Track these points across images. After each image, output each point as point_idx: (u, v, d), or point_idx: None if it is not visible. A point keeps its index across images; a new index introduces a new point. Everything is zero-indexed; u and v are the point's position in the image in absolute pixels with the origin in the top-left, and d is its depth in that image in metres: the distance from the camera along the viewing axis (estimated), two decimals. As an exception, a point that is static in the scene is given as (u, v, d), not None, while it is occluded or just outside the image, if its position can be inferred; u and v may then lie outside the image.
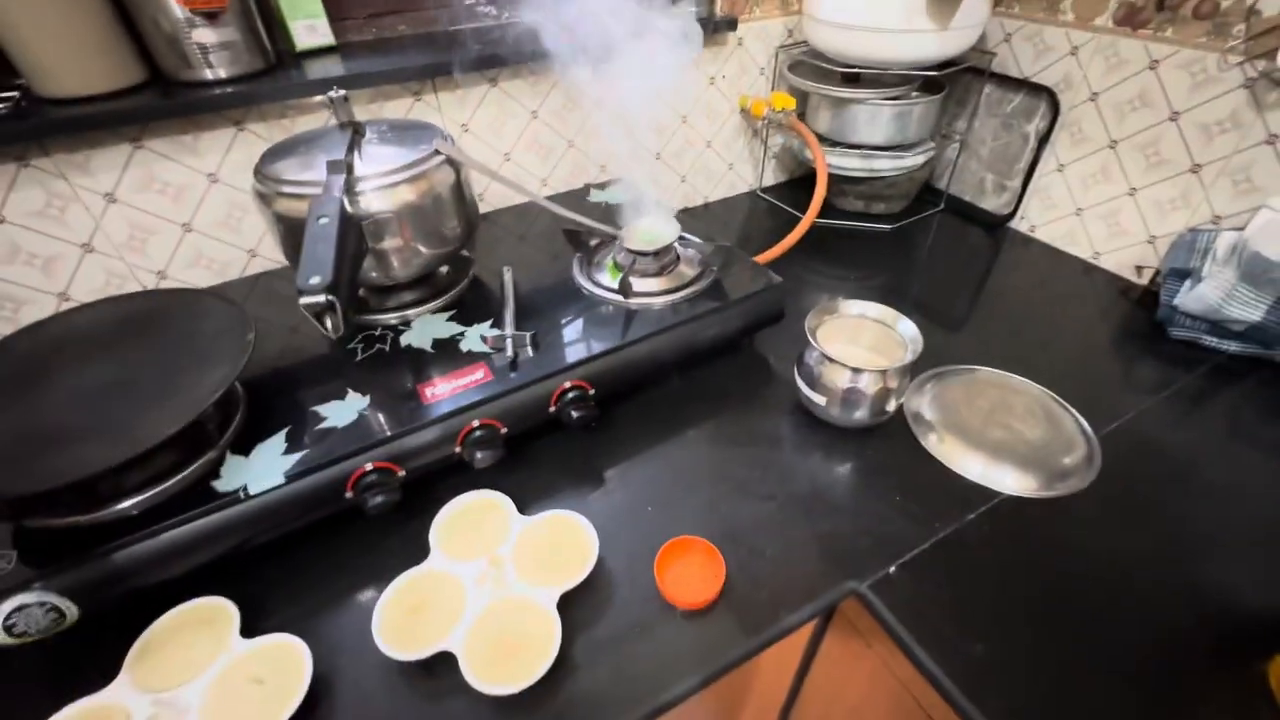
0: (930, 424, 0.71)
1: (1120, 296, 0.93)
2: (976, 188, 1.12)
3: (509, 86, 0.89)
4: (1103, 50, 0.88)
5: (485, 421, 0.62)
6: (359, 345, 0.69)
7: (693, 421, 0.73)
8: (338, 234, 0.52)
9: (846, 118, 1.01)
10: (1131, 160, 0.89)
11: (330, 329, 0.49)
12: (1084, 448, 0.68)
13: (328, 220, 0.53)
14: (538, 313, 0.73)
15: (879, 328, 0.71)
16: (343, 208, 0.55)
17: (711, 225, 1.15)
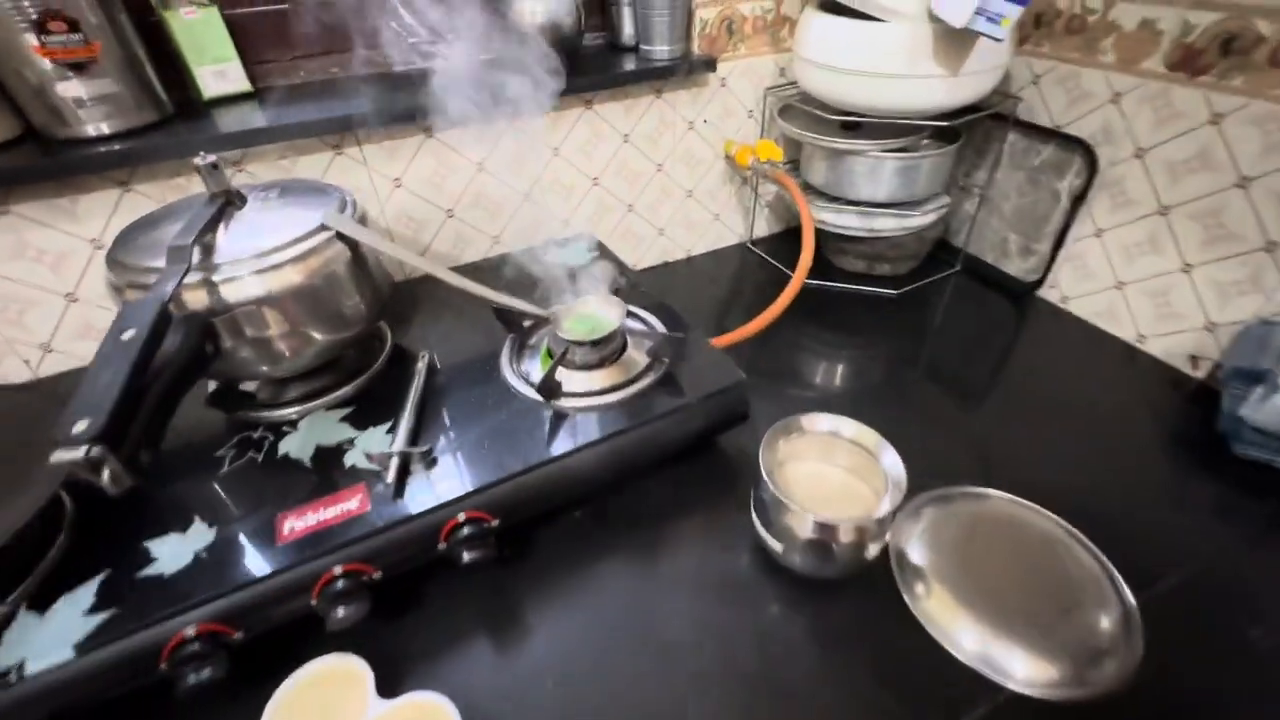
0: (919, 570, 0.57)
1: (1170, 389, 0.77)
2: (998, 248, 0.97)
3: (448, 136, 0.78)
4: (1151, 99, 0.73)
5: (351, 568, 0.50)
6: (231, 451, 0.58)
7: (627, 552, 0.60)
8: (139, 354, 0.41)
9: (844, 170, 0.88)
10: (1187, 231, 0.74)
11: (108, 483, 0.38)
12: (1120, 618, 0.53)
13: (133, 334, 0.42)
14: (450, 415, 0.62)
15: (857, 448, 0.57)
16: (162, 312, 0.44)
17: (693, 283, 1.02)
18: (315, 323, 0.58)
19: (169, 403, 0.45)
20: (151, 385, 0.42)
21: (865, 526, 0.50)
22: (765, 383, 0.79)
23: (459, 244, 0.87)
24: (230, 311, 0.51)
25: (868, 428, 0.55)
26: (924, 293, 0.97)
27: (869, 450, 0.55)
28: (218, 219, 0.54)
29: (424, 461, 0.56)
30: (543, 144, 0.84)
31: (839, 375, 0.84)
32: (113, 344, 0.41)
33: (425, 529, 0.52)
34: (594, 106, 0.84)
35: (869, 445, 0.55)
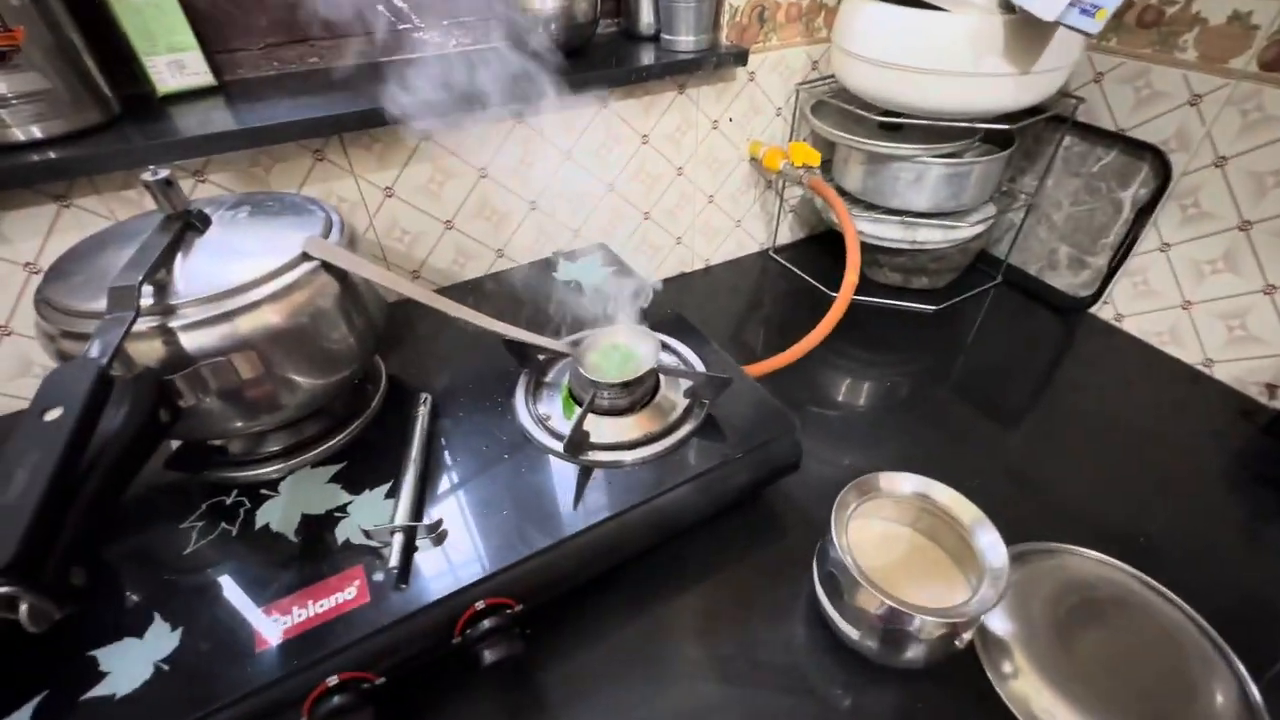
0: (1005, 647, 0.50)
1: (1242, 420, 0.71)
2: (1045, 260, 0.90)
3: (446, 138, 0.69)
4: (1239, 101, 0.65)
5: (349, 676, 0.41)
6: (199, 524, 0.49)
7: (665, 630, 0.52)
8: (68, 441, 0.31)
9: (884, 176, 0.80)
10: (1272, 249, 0.67)
11: (25, 621, 0.29)
12: (1240, 707, 0.46)
13: (59, 414, 0.32)
14: (459, 474, 0.53)
15: (939, 514, 0.49)
16: (100, 378, 0.34)
17: (712, 295, 0.94)
18: (298, 368, 0.49)
19: (110, 496, 0.36)
20: (86, 478, 0.33)
21: (961, 622, 0.43)
22: (795, 409, 0.71)
23: (459, 258, 0.78)
24: (192, 366, 0.42)
25: (962, 497, 0.47)
26: (964, 308, 0.89)
27: (961, 524, 0.47)
28: (174, 248, 0.45)
29: (432, 536, 0.47)
30: (553, 146, 0.74)
31: (877, 399, 0.76)
32: (31, 429, 0.31)
33: (437, 622, 0.44)
34: (610, 104, 0.75)
35: (964, 521, 0.47)
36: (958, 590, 0.48)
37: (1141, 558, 0.55)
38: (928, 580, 0.50)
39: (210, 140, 0.56)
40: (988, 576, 0.43)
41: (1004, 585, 0.42)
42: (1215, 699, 0.47)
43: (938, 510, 0.48)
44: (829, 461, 0.67)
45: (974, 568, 0.46)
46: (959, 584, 0.49)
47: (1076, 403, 0.74)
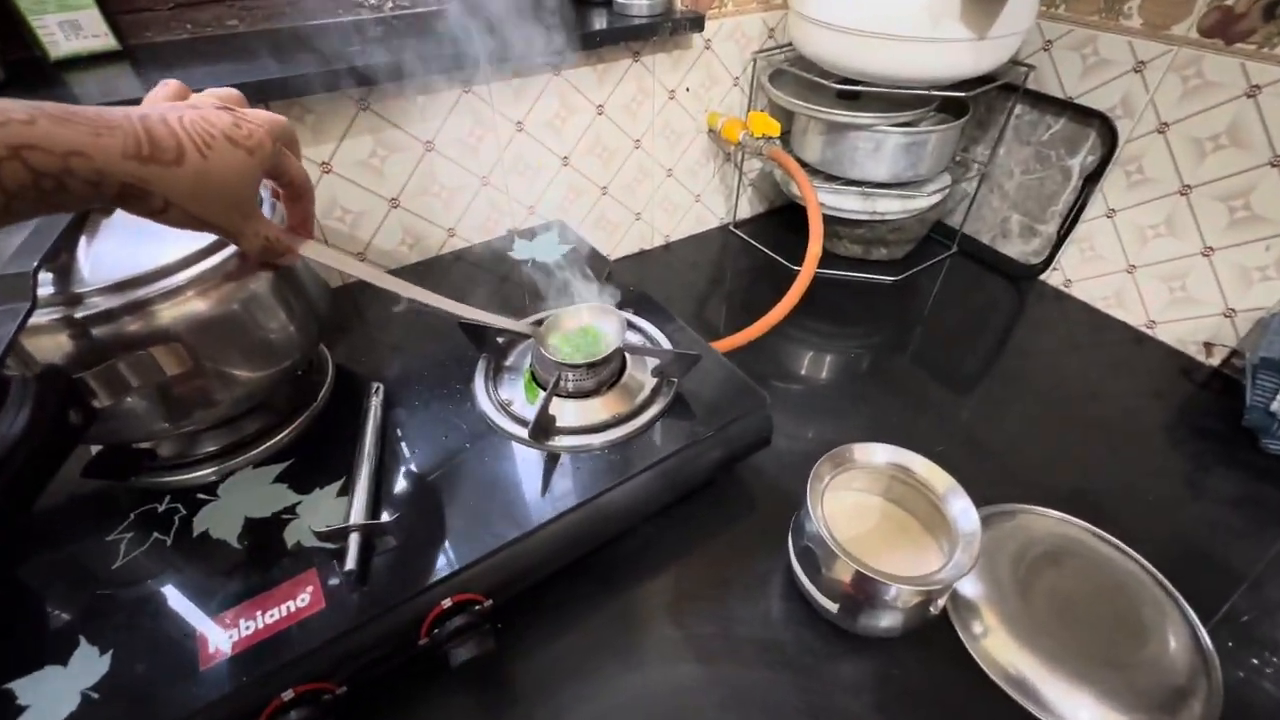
0: (974, 607, 0.51)
1: (1182, 378, 0.74)
2: (998, 229, 0.91)
3: (387, 109, 0.64)
4: (1180, 68, 0.67)
5: (307, 688, 0.38)
6: (126, 534, 0.45)
7: (641, 613, 0.50)
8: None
9: (843, 146, 0.79)
10: (1210, 212, 0.69)
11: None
12: (1193, 652, 0.48)
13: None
14: (418, 466, 0.50)
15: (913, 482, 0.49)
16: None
17: (673, 272, 0.92)
18: (232, 361, 0.45)
19: (14, 510, 0.31)
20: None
21: (936, 589, 0.43)
22: (759, 383, 0.71)
23: (407, 238, 0.73)
24: (105, 362, 0.37)
25: (936, 466, 0.47)
26: (921, 278, 0.90)
27: (934, 492, 0.47)
28: (76, 230, 0.40)
29: (392, 534, 0.44)
30: (504, 118, 0.71)
31: (839, 371, 0.76)
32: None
33: (402, 624, 0.41)
34: (563, 72, 0.71)
35: (932, 483, 0.47)
36: (930, 556, 0.49)
37: (1094, 513, 0.57)
38: (900, 548, 0.50)
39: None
40: (961, 542, 0.44)
41: (977, 550, 0.43)
42: (1169, 643, 0.49)
43: (910, 479, 0.49)
44: (795, 435, 0.66)
45: (946, 534, 0.46)
46: (931, 550, 0.49)
47: (1029, 368, 0.76)
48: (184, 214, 0.32)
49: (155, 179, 0.30)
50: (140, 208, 0.31)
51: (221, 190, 0.33)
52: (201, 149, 0.32)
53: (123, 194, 0.30)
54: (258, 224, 0.37)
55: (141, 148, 0.30)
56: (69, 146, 0.27)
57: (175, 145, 0.31)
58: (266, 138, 0.35)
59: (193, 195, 0.32)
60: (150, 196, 0.31)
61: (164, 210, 0.32)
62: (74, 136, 0.27)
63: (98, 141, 0.28)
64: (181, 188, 0.31)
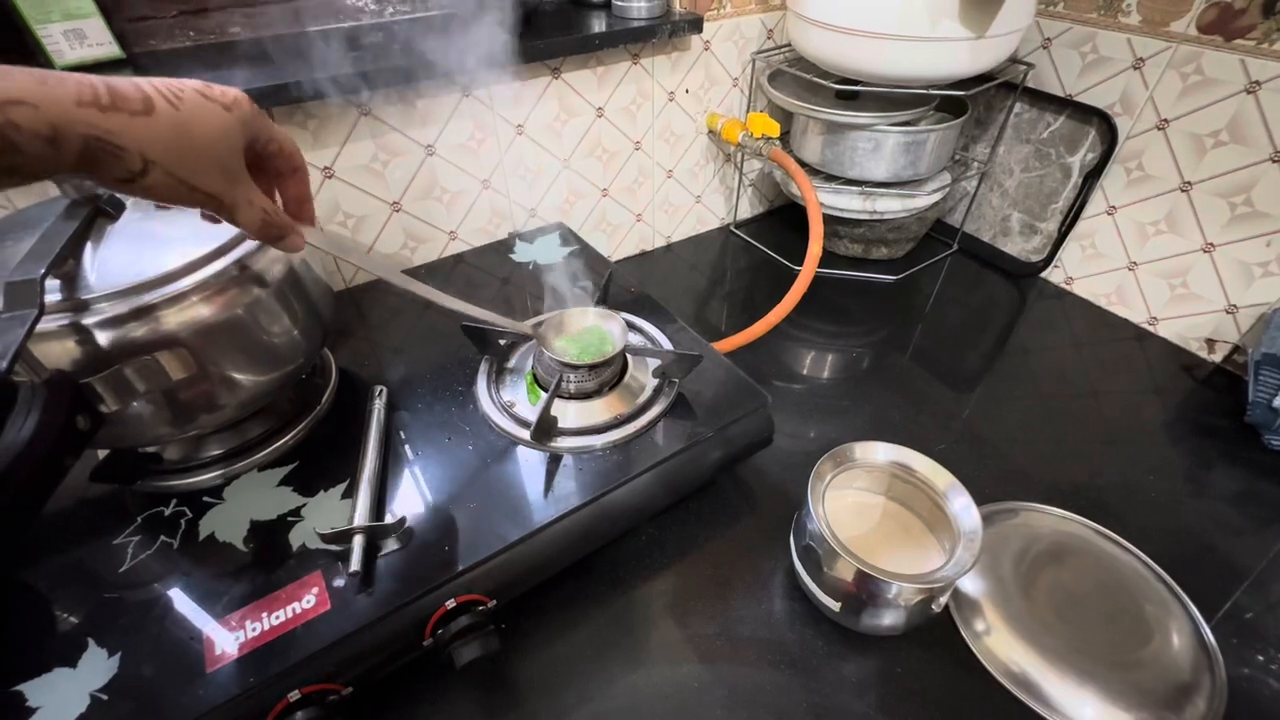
0: (976, 605, 0.51)
1: (1184, 375, 0.74)
2: (998, 227, 0.91)
3: (388, 113, 0.64)
4: (1179, 64, 0.67)
5: (313, 689, 0.39)
6: (133, 538, 0.45)
7: (645, 613, 0.51)
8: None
9: (843, 146, 0.79)
10: (1211, 209, 0.69)
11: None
12: (1197, 651, 0.48)
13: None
14: (421, 468, 0.50)
15: (910, 478, 0.50)
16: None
17: (674, 273, 0.92)
18: (236, 365, 0.45)
19: (23, 514, 0.32)
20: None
21: (938, 586, 0.43)
22: (760, 382, 0.71)
23: (410, 242, 0.74)
24: (113, 367, 0.38)
25: (936, 464, 0.48)
26: (922, 277, 0.90)
27: (935, 490, 0.47)
28: (82, 237, 0.40)
29: (396, 535, 0.44)
30: (504, 121, 0.71)
31: (840, 371, 0.76)
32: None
33: (406, 625, 0.42)
34: (563, 75, 0.72)
35: (933, 481, 0.47)
36: (932, 555, 0.49)
37: (1097, 510, 0.57)
38: (902, 547, 0.50)
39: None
40: (962, 540, 0.44)
41: (978, 548, 0.43)
42: (1172, 640, 0.49)
43: (911, 477, 0.49)
44: (797, 435, 0.66)
45: (947, 532, 0.46)
46: (933, 548, 0.49)
47: (1031, 366, 0.76)
48: (168, 178, 0.29)
49: (124, 131, 0.27)
50: (115, 171, 0.27)
51: (205, 147, 0.30)
52: (172, 100, 0.29)
53: (89, 153, 0.26)
54: (250, 191, 0.33)
55: (100, 97, 0.26)
56: (6, 95, 0.23)
57: (141, 96, 0.27)
58: (243, 97, 0.32)
59: (174, 150, 0.28)
60: (124, 154, 0.27)
61: (144, 172, 0.28)
62: (11, 85, 0.24)
63: (44, 89, 0.25)
64: (160, 141, 0.28)
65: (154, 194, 0.29)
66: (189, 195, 0.30)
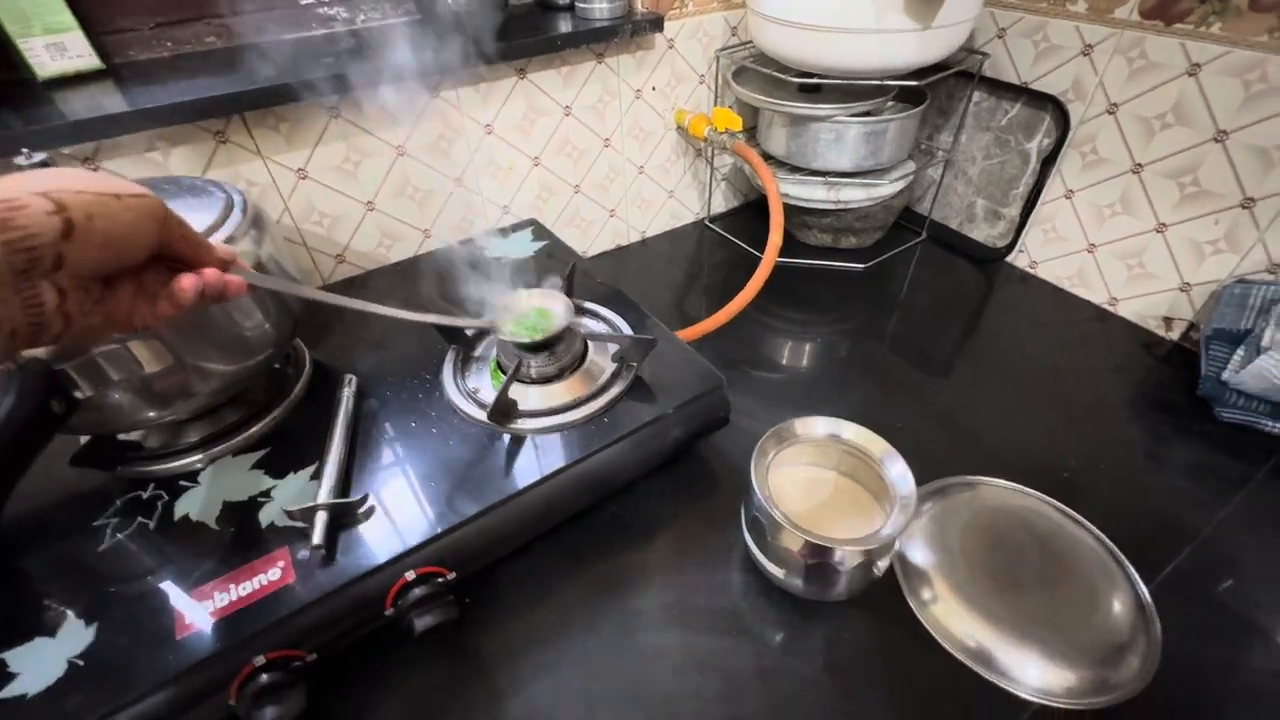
0: (923, 574, 0.53)
1: (1143, 352, 0.76)
2: (964, 214, 0.93)
3: (359, 116, 0.67)
4: (1125, 49, 0.69)
5: (278, 655, 0.41)
6: (113, 520, 0.48)
7: (603, 586, 0.53)
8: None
9: (806, 138, 0.81)
10: (1161, 189, 0.71)
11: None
12: (1135, 611, 0.50)
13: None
14: (386, 450, 0.52)
15: (854, 451, 0.52)
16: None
17: (649, 267, 0.95)
18: (207, 355, 0.48)
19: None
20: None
21: (874, 549, 0.45)
22: (733, 371, 0.73)
23: (385, 240, 0.76)
24: (85, 354, 0.40)
25: (872, 433, 0.50)
26: (891, 264, 0.92)
27: (873, 458, 0.49)
28: (58, 234, 0.43)
29: (359, 512, 0.47)
30: (473, 121, 0.73)
31: (811, 357, 0.78)
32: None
33: (367, 595, 0.44)
34: (529, 75, 0.74)
35: (873, 452, 0.49)
36: (876, 523, 0.50)
37: (1052, 484, 0.58)
38: (851, 517, 0.52)
39: (97, 124, 0.53)
40: (898, 504, 0.46)
41: (913, 509, 0.45)
42: (1113, 603, 0.50)
43: (853, 449, 0.51)
44: (765, 419, 0.68)
45: (888, 498, 0.48)
46: (878, 517, 0.51)
47: (998, 348, 0.78)
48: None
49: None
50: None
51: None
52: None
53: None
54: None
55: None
56: None
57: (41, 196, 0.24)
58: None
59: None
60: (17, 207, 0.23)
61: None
62: None
63: None
64: None
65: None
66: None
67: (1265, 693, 0.45)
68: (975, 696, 0.46)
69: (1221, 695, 0.45)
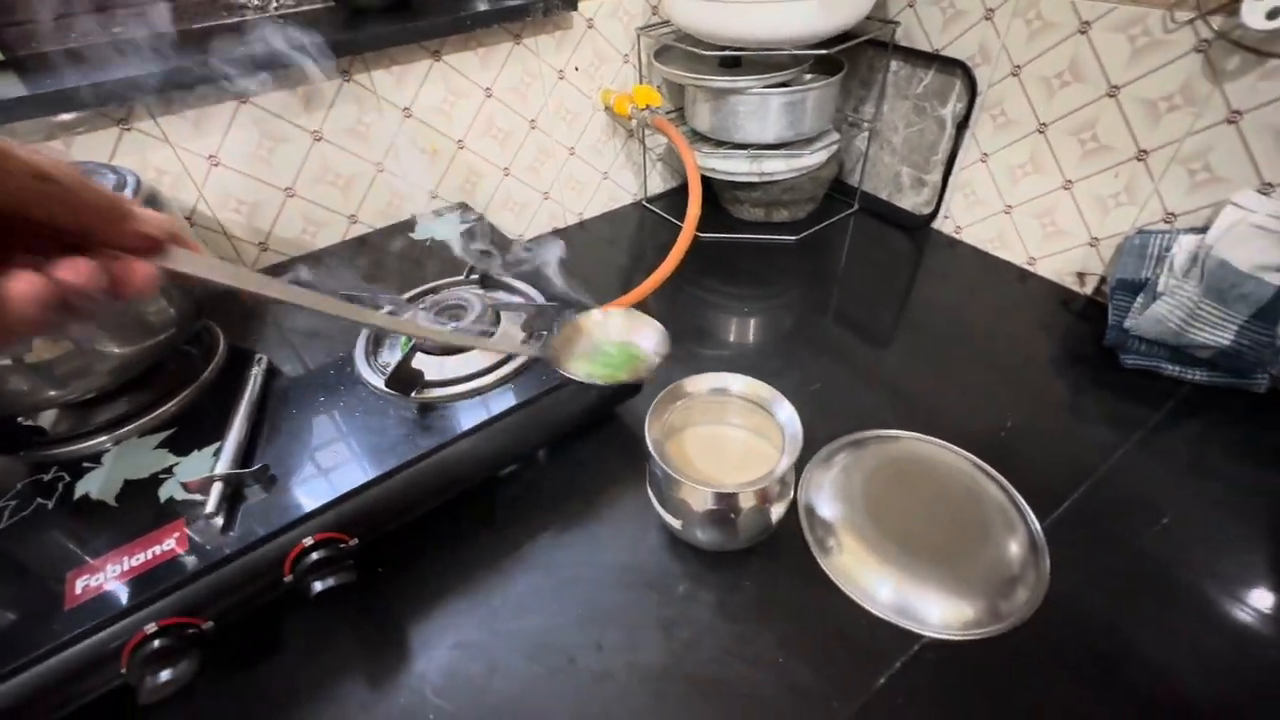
0: (829, 525, 0.54)
1: (1061, 309, 0.78)
2: (892, 183, 0.95)
3: (269, 101, 0.67)
4: (1023, 11, 0.70)
5: (170, 622, 0.41)
6: (10, 503, 0.48)
7: (518, 549, 0.53)
8: None
9: (727, 112, 0.83)
10: (1065, 147, 0.73)
11: None
12: (1027, 544, 0.52)
13: None
14: (293, 424, 0.53)
15: (752, 405, 0.53)
16: None
17: (589, 248, 0.95)
18: (104, 334, 0.48)
19: None
20: None
21: (765, 489, 0.46)
22: (676, 347, 0.73)
23: (309, 226, 0.76)
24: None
25: (758, 381, 0.51)
26: (824, 235, 0.94)
27: (763, 406, 0.51)
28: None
29: (260, 482, 0.47)
30: (390, 105, 0.74)
31: (748, 329, 0.79)
32: None
33: (264, 562, 0.44)
34: (444, 58, 0.75)
35: (763, 400, 0.51)
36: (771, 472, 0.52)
37: (988, 444, 0.59)
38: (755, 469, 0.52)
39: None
40: (787, 447, 0.47)
41: (798, 451, 0.46)
42: (1008, 541, 0.52)
43: (748, 401, 0.52)
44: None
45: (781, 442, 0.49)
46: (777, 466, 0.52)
47: (929, 312, 0.79)
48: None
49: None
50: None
51: None
52: None
53: None
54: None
55: None
56: None
57: None
58: None
59: None
60: None
61: None
62: None
63: None
64: None
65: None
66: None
67: (1143, 613, 0.47)
68: (870, 634, 0.47)
69: (1100, 619, 0.47)
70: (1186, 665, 0.44)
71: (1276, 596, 0.48)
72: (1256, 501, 0.55)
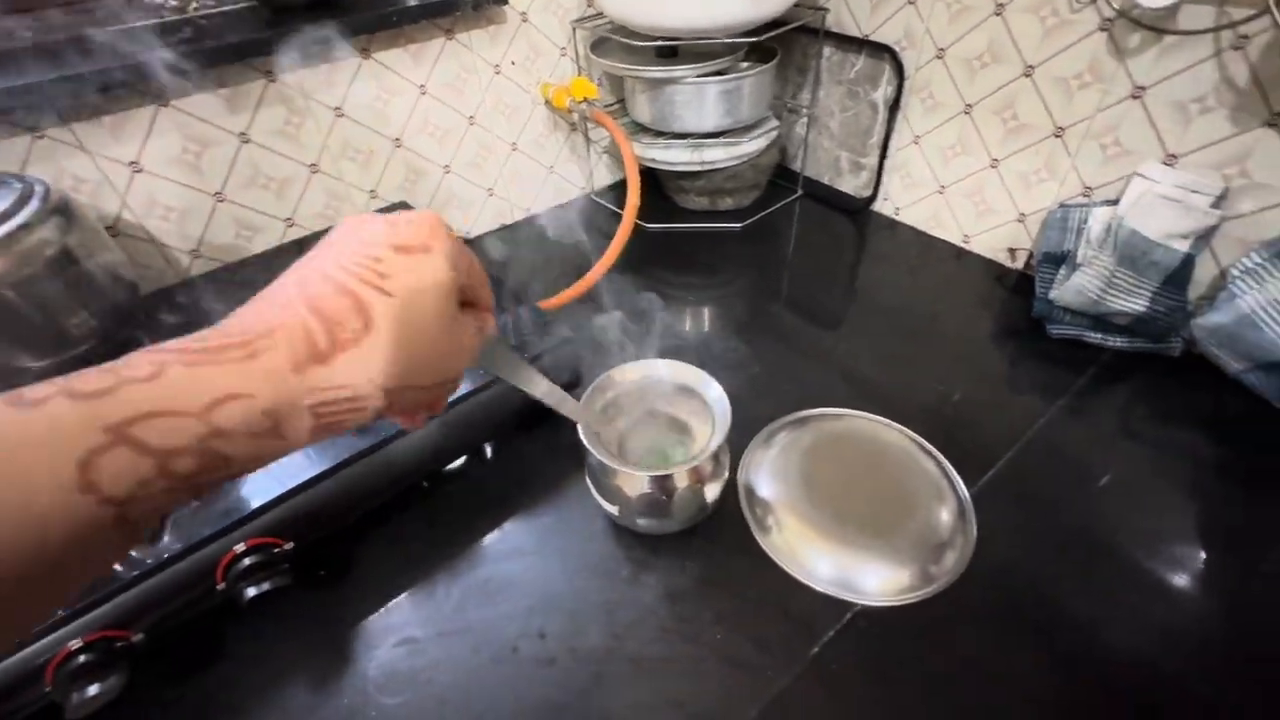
0: (768, 505, 0.55)
1: (995, 284, 0.80)
2: (832, 168, 0.97)
3: (191, 104, 0.65)
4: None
5: (96, 636, 0.41)
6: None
7: (464, 546, 0.54)
8: None
9: (665, 102, 0.83)
10: (989, 126, 0.75)
11: None
12: (956, 511, 0.54)
13: None
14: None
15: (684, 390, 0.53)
16: None
17: (537, 244, 0.95)
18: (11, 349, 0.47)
19: None
20: None
21: (698, 468, 0.47)
22: (623, 336, 0.74)
23: (243, 231, 0.75)
24: None
25: (686, 364, 0.52)
26: (770, 221, 0.95)
27: (694, 389, 0.52)
28: None
29: (187, 492, 0.46)
30: (320, 104, 0.73)
31: (697, 318, 0.80)
32: None
33: (195, 570, 0.44)
34: (374, 55, 0.74)
35: (692, 383, 0.51)
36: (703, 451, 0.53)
37: (907, 413, 0.61)
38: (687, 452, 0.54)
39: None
40: (718, 425, 0.48)
41: (728, 427, 0.47)
42: (939, 509, 0.54)
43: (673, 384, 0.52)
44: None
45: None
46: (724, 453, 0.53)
47: (873, 294, 0.81)
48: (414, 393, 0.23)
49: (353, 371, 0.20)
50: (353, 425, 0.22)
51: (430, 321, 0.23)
52: (380, 287, 0.21)
53: (321, 429, 0.21)
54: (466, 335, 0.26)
55: (317, 341, 0.20)
56: (211, 395, 0.18)
57: (353, 304, 0.21)
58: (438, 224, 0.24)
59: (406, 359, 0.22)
60: (362, 405, 0.21)
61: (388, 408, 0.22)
62: (216, 377, 0.18)
63: (252, 365, 0.19)
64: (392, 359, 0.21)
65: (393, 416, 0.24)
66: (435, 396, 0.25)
67: (1067, 571, 0.49)
68: (806, 606, 0.48)
69: (1025, 577, 0.49)
70: (1109, 620, 0.46)
71: (1193, 551, 0.50)
72: (1175, 460, 0.58)
